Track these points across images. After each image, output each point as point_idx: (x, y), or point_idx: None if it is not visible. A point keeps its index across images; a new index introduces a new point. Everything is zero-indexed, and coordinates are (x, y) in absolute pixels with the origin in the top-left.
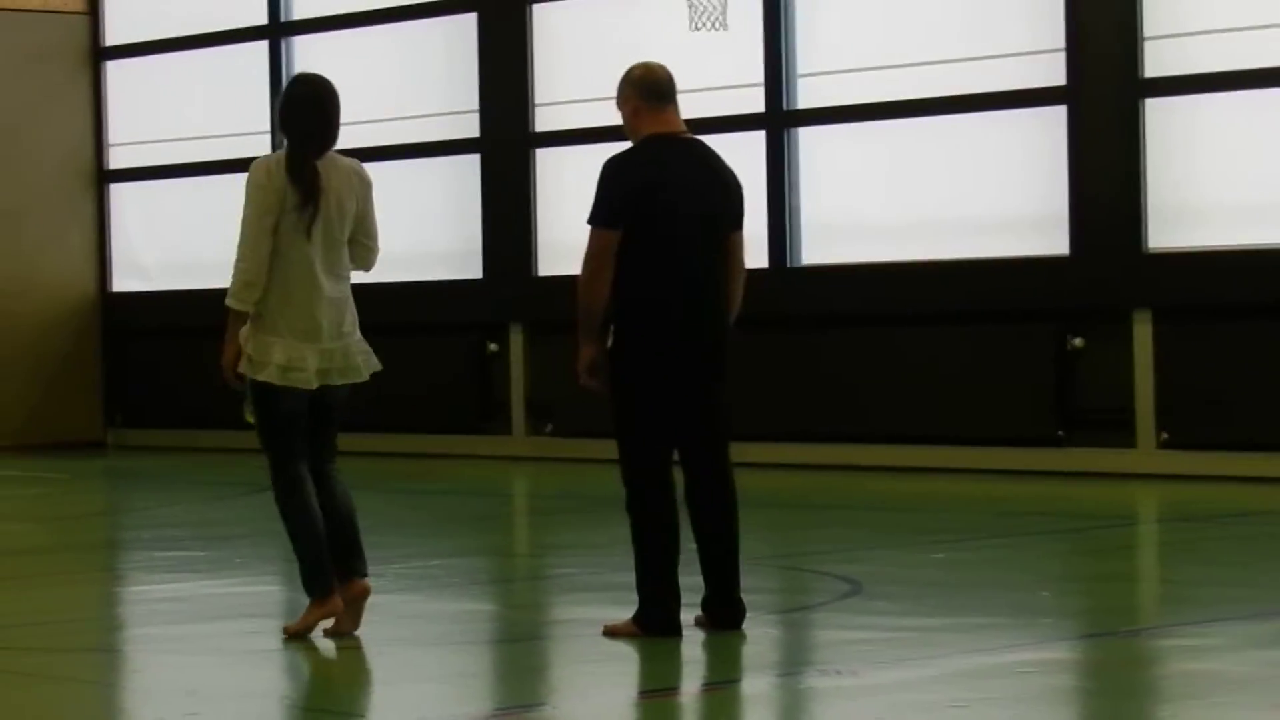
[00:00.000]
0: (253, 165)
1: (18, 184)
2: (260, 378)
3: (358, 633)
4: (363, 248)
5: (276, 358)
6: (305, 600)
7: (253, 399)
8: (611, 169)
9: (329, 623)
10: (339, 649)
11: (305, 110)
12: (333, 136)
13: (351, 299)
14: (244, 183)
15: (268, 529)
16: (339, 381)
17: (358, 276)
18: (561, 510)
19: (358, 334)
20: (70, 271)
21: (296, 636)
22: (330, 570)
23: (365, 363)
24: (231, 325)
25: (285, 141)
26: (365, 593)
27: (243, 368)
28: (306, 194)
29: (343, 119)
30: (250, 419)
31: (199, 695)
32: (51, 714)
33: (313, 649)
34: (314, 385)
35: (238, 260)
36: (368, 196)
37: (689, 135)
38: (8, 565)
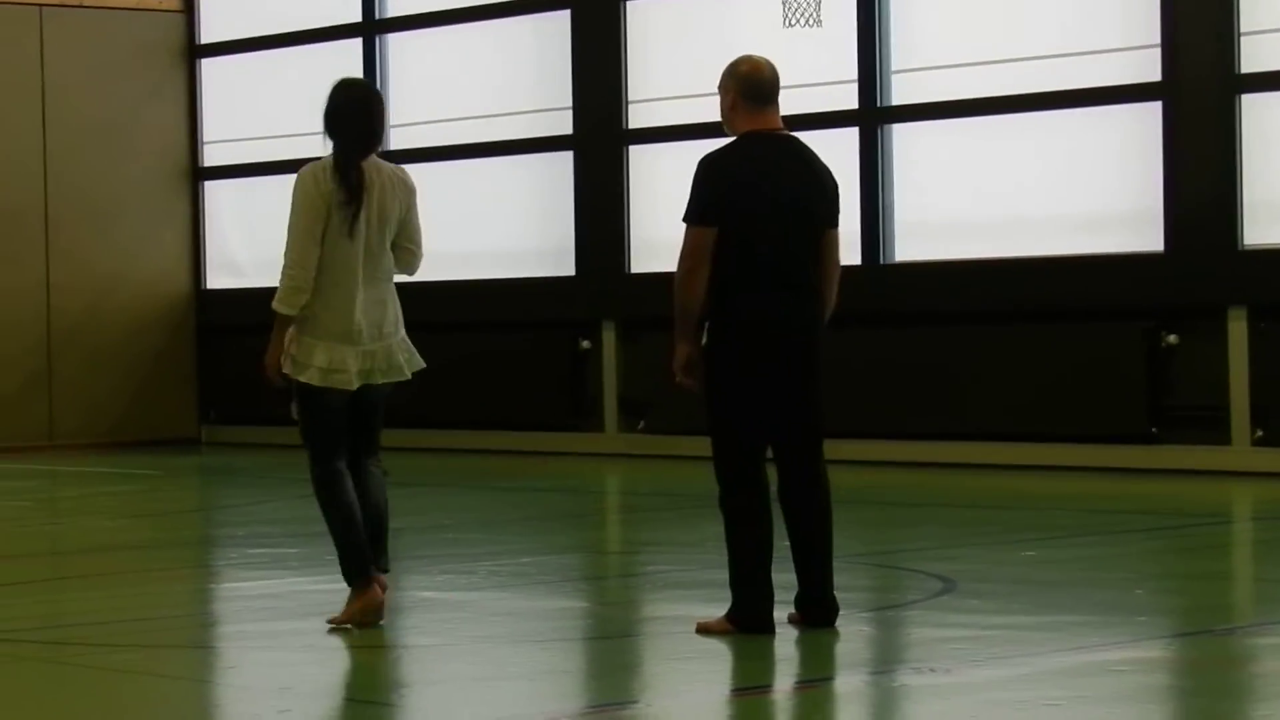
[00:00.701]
0: (299, 173)
1: (114, 181)
2: (303, 379)
3: (434, 637)
4: (406, 252)
5: (318, 360)
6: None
7: (296, 397)
8: (708, 166)
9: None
10: (431, 648)
11: (351, 114)
12: (378, 139)
13: (395, 300)
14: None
15: None
16: (380, 380)
17: (449, 274)
18: (654, 507)
19: (401, 333)
20: (165, 268)
21: (340, 627)
22: (368, 560)
23: (408, 361)
24: (278, 328)
25: (331, 146)
26: (382, 588)
27: (286, 368)
28: (351, 194)
29: (434, 116)
30: (295, 416)
31: (292, 692)
32: (147, 710)
33: (405, 646)
34: (355, 386)
35: (286, 266)
36: (411, 203)
37: (785, 132)
38: (103, 561)
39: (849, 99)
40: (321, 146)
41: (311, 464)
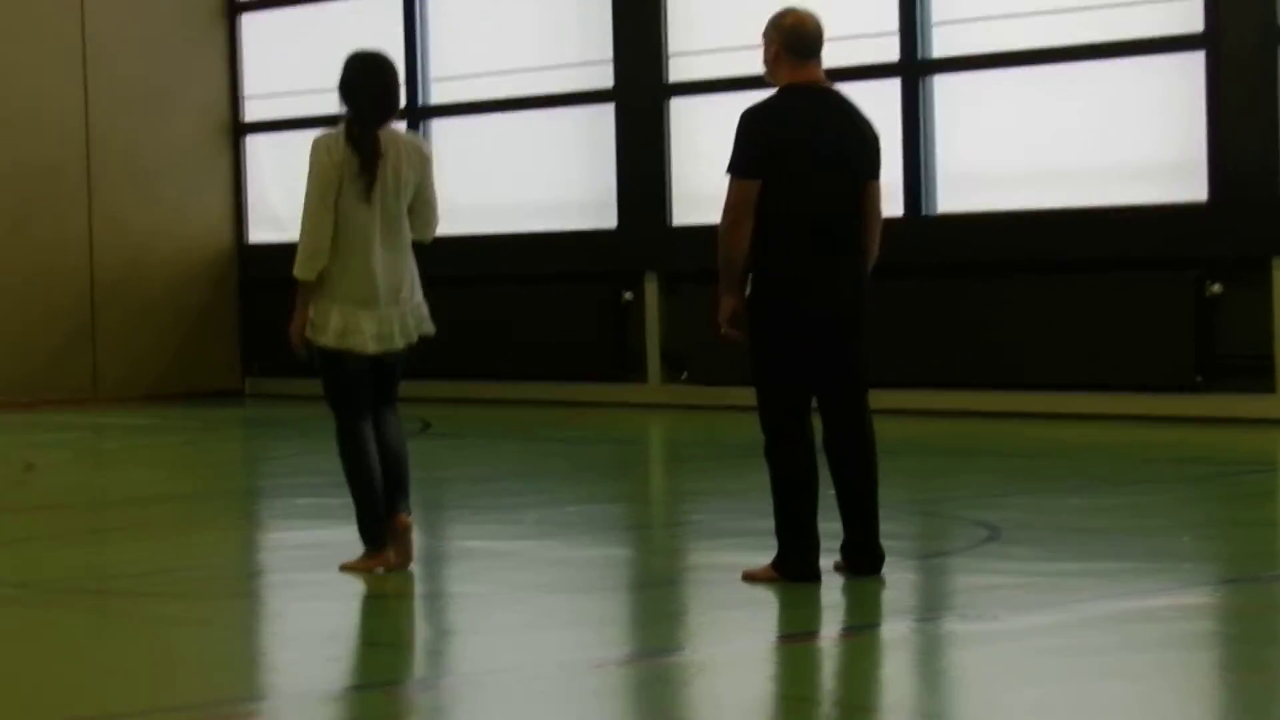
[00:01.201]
0: (313, 143)
1: (156, 138)
2: (320, 342)
3: (469, 585)
4: (421, 218)
5: (334, 323)
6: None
7: (317, 360)
8: (750, 119)
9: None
10: (477, 596)
11: (366, 81)
12: (394, 106)
13: (414, 265)
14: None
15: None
16: (398, 345)
17: (493, 228)
18: (697, 457)
19: (418, 296)
20: (208, 223)
21: (348, 570)
22: (385, 523)
23: (418, 325)
24: (301, 295)
25: (346, 113)
26: (408, 527)
27: (308, 332)
28: (366, 161)
29: (476, 70)
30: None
31: (338, 640)
32: (194, 659)
33: (451, 595)
34: (371, 350)
35: (302, 234)
36: (427, 171)
37: (827, 85)
38: (149, 513)
39: (890, 51)
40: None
41: (337, 425)
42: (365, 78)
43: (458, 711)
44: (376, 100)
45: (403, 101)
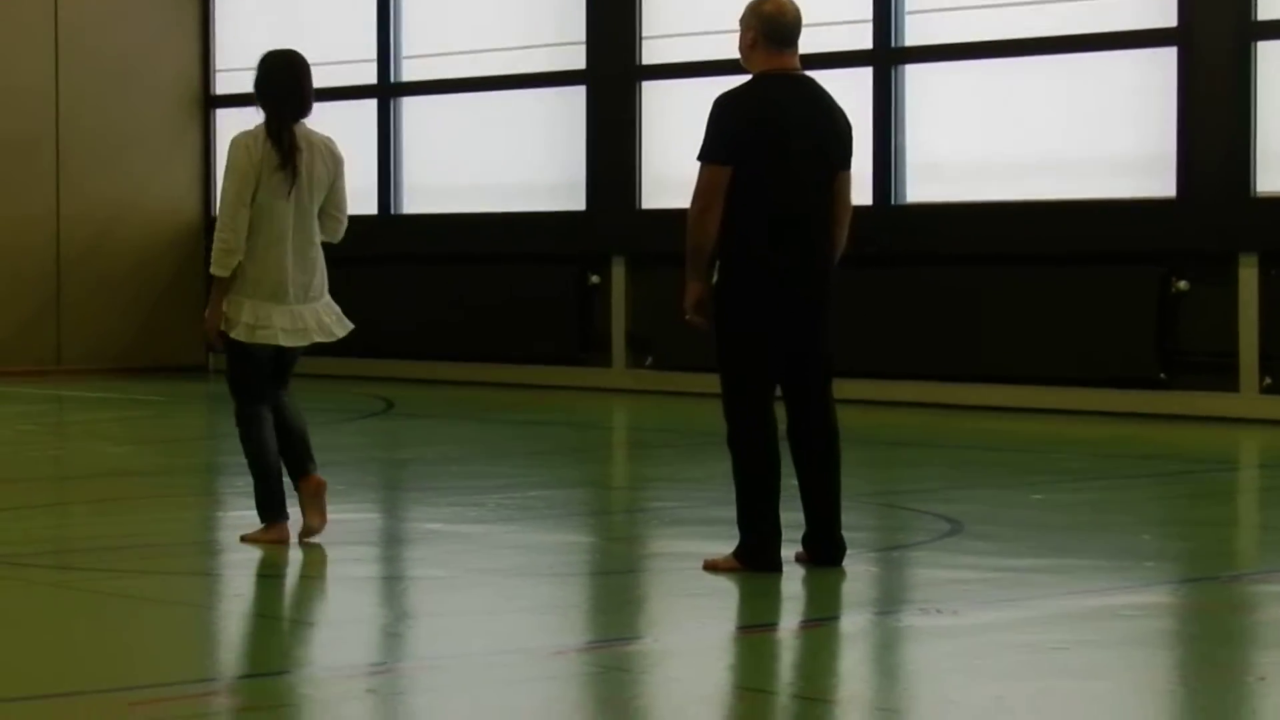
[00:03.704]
0: (232, 141)
1: (126, 109)
2: (231, 334)
3: (444, 568)
4: (332, 219)
5: (245, 317)
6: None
7: (225, 349)
8: (723, 105)
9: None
10: (438, 579)
11: (280, 80)
12: (307, 104)
13: (323, 263)
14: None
15: (370, 456)
16: (316, 339)
17: (460, 207)
18: (660, 444)
19: (327, 296)
20: (175, 197)
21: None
22: (282, 498)
23: (337, 323)
24: (216, 289)
25: (262, 112)
26: (321, 486)
27: (220, 325)
28: (285, 156)
29: (448, 49)
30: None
31: (297, 620)
32: (154, 637)
33: (412, 578)
34: (280, 343)
35: (218, 230)
36: (339, 171)
37: (800, 72)
38: (110, 487)
39: (863, 39)
40: (333, 77)
41: (237, 410)
42: (279, 76)
43: (417, 695)
44: (290, 97)
45: (314, 104)
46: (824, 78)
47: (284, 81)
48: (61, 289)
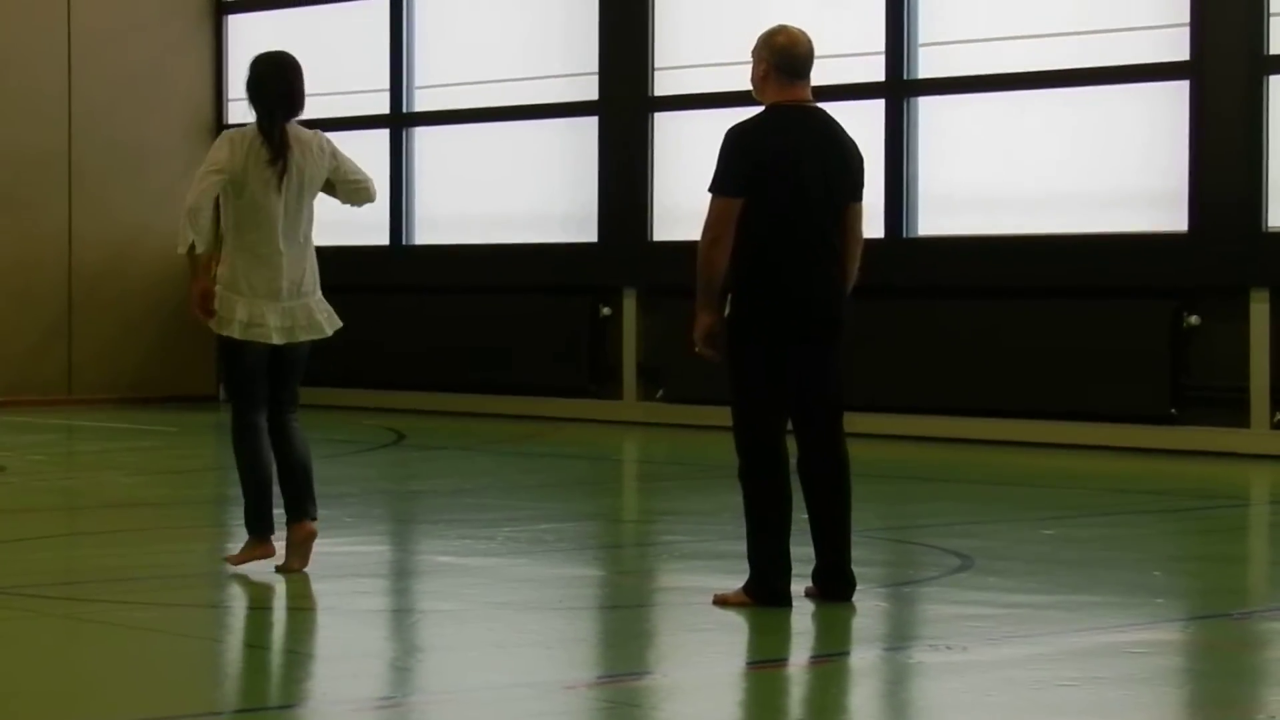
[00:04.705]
0: (222, 135)
1: (139, 133)
2: (224, 333)
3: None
4: (351, 187)
5: (239, 315)
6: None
7: (219, 352)
8: (735, 137)
9: (279, 561)
10: (448, 613)
11: (272, 80)
12: (299, 103)
13: (314, 260)
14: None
15: (379, 488)
16: (303, 338)
17: (472, 238)
18: (672, 476)
19: (319, 293)
20: None
21: (235, 565)
22: (270, 514)
23: (328, 320)
24: (189, 267)
25: (254, 111)
26: (311, 535)
27: (213, 325)
28: (277, 151)
29: (461, 79)
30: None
31: (305, 654)
32: (163, 669)
33: (421, 611)
34: (274, 341)
35: (185, 207)
36: (335, 154)
37: (812, 104)
38: (121, 518)
39: (875, 71)
40: (347, 107)
41: (233, 416)
42: (270, 76)
43: None
44: (282, 96)
45: (306, 104)
46: (836, 110)
47: (275, 81)
48: (74, 314)
